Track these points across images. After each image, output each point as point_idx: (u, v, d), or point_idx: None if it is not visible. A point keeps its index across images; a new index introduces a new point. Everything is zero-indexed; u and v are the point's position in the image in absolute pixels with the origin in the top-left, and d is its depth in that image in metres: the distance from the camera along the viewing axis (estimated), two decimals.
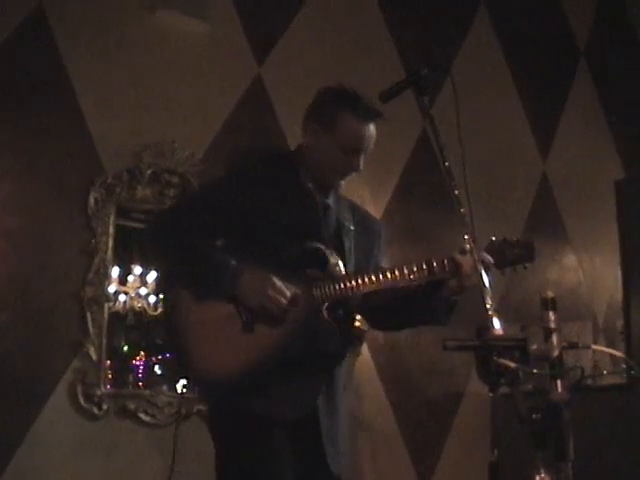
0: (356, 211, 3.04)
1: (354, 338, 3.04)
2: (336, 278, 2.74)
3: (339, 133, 2.80)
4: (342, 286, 2.72)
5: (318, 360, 2.73)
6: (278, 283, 2.66)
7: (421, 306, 2.84)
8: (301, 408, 2.70)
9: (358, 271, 2.81)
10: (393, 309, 2.93)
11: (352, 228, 2.93)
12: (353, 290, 2.72)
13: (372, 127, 2.82)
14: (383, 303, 2.88)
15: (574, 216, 6.70)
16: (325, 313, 2.72)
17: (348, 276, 2.76)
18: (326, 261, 2.76)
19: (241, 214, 2.77)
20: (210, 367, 2.69)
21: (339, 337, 2.78)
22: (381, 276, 2.73)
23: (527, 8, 6.80)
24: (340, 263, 2.79)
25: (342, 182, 2.90)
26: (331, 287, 2.72)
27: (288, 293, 2.67)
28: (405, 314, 2.94)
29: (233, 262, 2.69)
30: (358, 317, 3.25)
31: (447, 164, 2.42)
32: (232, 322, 2.69)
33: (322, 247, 2.77)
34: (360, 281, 2.72)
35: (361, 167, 2.83)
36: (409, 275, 2.71)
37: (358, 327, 4.79)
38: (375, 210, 5.30)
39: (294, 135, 5.01)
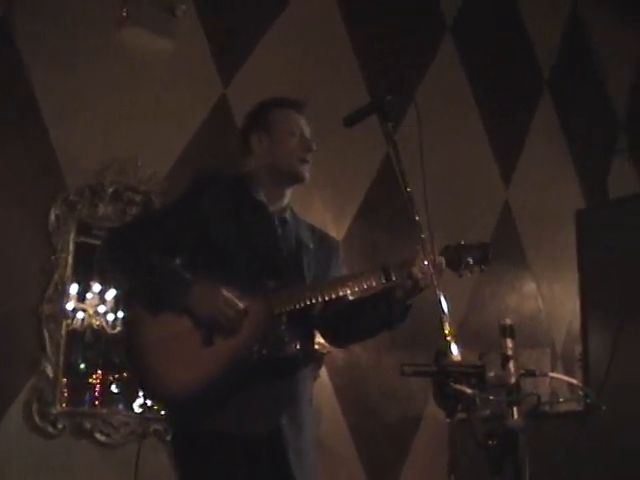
0: (314, 231, 3.08)
1: (315, 350, 3.04)
2: (294, 287, 2.78)
3: (276, 125, 2.93)
4: (300, 294, 2.74)
5: (279, 371, 2.73)
6: (227, 295, 2.66)
7: (376, 310, 2.87)
8: (265, 423, 2.69)
9: (315, 281, 2.86)
10: (349, 317, 2.95)
11: (311, 246, 2.97)
12: (310, 298, 2.74)
13: (302, 118, 2.96)
14: (338, 311, 2.92)
15: (535, 244, 6.76)
16: (284, 322, 2.73)
17: (305, 285, 2.81)
18: (284, 272, 2.80)
19: (197, 230, 2.80)
20: (172, 384, 2.66)
21: (299, 347, 2.78)
22: (338, 284, 2.79)
23: (492, 36, 6.88)
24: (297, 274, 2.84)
25: (304, 168, 2.92)
26: (289, 295, 2.74)
27: (239, 305, 2.67)
28: (361, 321, 2.95)
29: (187, 275, 2.71)
30: (318, 339, 3.25)
31: (409, 190, 2.44)
32: (192, 337, 2.68)
33: (279, 258, 2.83)
34: (318, 289, 2.76)
35: (314, 146, 2.92)
36: (366, 283, 2.77)
37: (316, 349, 4.79)
38: (337, 233, 5.31)
39: None
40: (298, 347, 2.77)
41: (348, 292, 2.78)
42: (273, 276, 2.77)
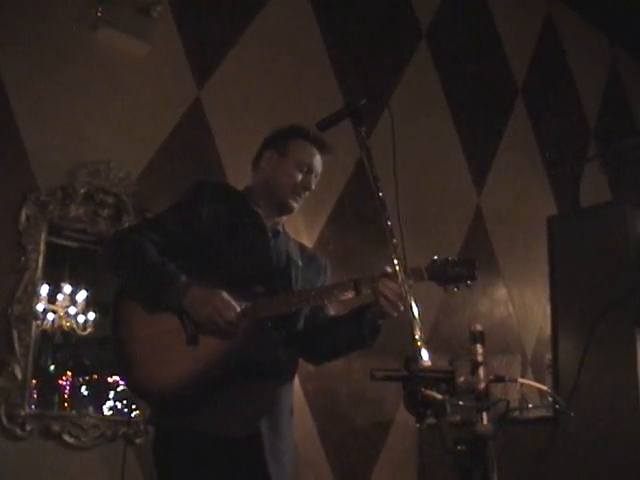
0: (304, 250, 3.21)
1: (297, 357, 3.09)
2: (281, 294, 2.85)
3: (292, 153, 3.03)
4: (285, 301, 2.81)
5: (262, 375, 2.79)
6: (227, 297, 2.72)
7: (348, 330, 2.94)
8: (245, 426, 2.73)
9: (301, 291, 2.92)
10: (325, 335, 3.03)
11: (300, 263, 3.07)
12: (295, 305, 2.82)
13: (319, 157, 3.06)
14: (316, 329, 3.02)
15: (506, 250, 6.79)
16: (268, 327, 2.81)
17: (292, 293, 2.88)
18: (273, 279, 2.89)
19: (194, 233, 2.87)
20: (155, 380, 2.72)
21: (283, 353, 2.85)
22: (312, 292, 2.86)
23: (467, 43, 6.92)
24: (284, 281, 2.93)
25: (294, 200, 3.02)
26: (274, 301, 2.80)
27: (237, 307, 2.72)
28: (335, 339, 3.01)
29: (183, 276, 2.75)
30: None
31: (381, 195, 2.45)
32: (178, 335, 2.74)
33: (270, 265, 2.93)
34: (303, 297, 2.83)
35: (312, 187, 3.04)
36: (338, 293, 2.83)
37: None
38: (309, 237, 5.31)
39: (230, 159, 5.05)
40: (282, 353, 2.83)
41: (332, 299, 2.84)
42: (262, 282, 2.84)
